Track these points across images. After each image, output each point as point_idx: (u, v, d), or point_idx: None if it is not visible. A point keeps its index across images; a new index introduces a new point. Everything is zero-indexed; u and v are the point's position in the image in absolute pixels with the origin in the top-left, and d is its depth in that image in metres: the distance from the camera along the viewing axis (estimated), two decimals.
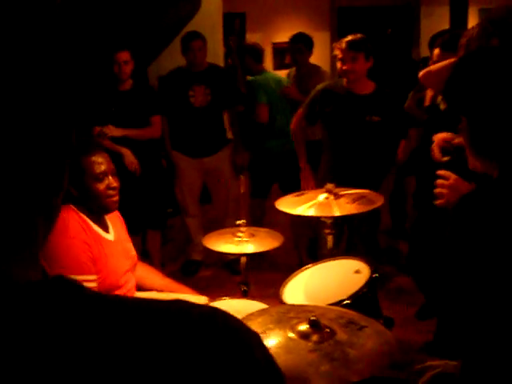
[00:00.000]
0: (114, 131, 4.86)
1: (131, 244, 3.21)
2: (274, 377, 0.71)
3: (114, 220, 3.10)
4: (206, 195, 6.04)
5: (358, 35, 4.38)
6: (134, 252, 3.19)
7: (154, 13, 6.35)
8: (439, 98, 4.14)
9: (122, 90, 5.12)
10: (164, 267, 5.68)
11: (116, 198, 2.90)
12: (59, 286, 0.69)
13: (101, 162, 2.85)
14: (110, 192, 2.86)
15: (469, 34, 2.62)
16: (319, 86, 4.64)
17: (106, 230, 2.98)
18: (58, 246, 2.68)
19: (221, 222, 5.43)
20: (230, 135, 5.89)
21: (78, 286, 0.70)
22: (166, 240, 6.39)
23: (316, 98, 4.57)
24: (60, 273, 1.76)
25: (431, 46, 5.27)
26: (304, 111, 4.67)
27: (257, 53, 6.12)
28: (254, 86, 5.97)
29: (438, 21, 8.61)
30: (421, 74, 3.79)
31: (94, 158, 2.85)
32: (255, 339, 0.72)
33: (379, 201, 3.48)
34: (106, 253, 2.87)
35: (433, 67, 3.40)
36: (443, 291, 1.54)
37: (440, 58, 3.89)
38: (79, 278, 2.62)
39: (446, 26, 7.73)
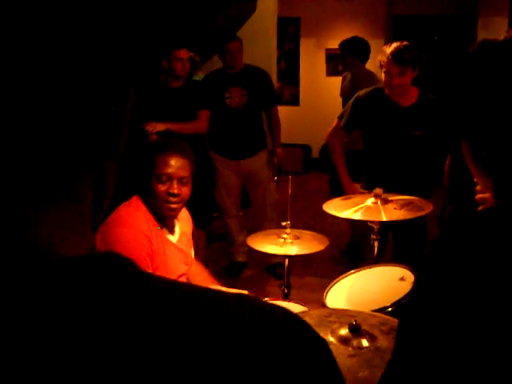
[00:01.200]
0: (157, 126, 4.86)
1: (192, 250, 3.20)
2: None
3: (184, 223, 3.10)
4: (247, 199, 6.02)
5: (404, 43, 4.10)
6: (191, 258, 3.19)
7: (208, 15, 6.37)
8: None
9: (173, 86, 5.14)
10: (207, 268, 5.67)
11: (173, 206, 2.83)
12: (109, 262, 0.65)
13: (171, 165, 2.81)
14: (169, 197, 2.81)
15: None
16: (361, 93, 4.43)
17: (171, 230, 2.97)
18: (119, 234, 2.69)
19: (259, 226, 5.41)
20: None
21: (130, 264, 0.66)
22: (212, 240, 6.39)
23: (357, 105, 4.38)
24: None
25: None
26: (343, 120, 4.45)
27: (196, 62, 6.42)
28: None
29: (495, 31, 8.45)
30: None
31: (167, 158, 2.82)
32: (326, 346, 0.69)
33: (428, 208, 3.41)
34: (166, 252, 2.86)
35: None
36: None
37: None
38: None
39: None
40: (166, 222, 2.92)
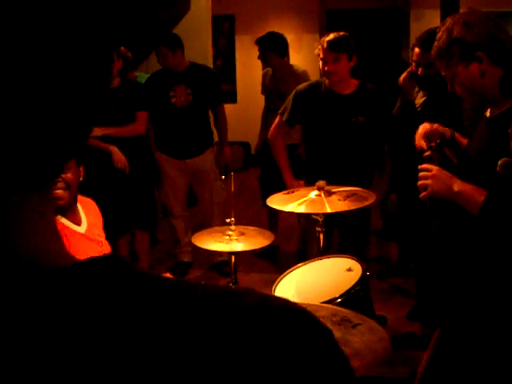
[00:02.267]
0: (94, 132, 4.79)
1: (105, 241, 3.16)
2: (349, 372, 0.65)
3: (92, 215, 3.07)
4: (193, 198, 5.98)
5: (341, 33, 4.19)
6: (107, 247, 3.14)
7: (143, 14, 6.30)
8: (418, 96, 4.09)
9: (110, 87, 5.06)
10: (153, 269, 5.62)
11: (58, 193, 2.78)
12: (114, 267, 0.59)
13: None
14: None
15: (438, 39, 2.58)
16: (300, 87, 4.44)
17: (77, 221, 2.93)
18: None
19: (207, 225, 5.37)
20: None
21: (133, 266, 0.61)
22: (156, 241, 6.32)
23: (298, 99, 4.38)
24: None
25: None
26: (285, 116, 4.45)
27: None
28: None
29: (427, 23, 8.59)
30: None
31: None
32: (333, 336, 0.67)
33: (371, 198, 3.43)
34: (72, 243, 2.84)
35: None
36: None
37: (420, 58, 3.81)
38: None
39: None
40: (67, 213, 2.88)
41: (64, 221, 2.86)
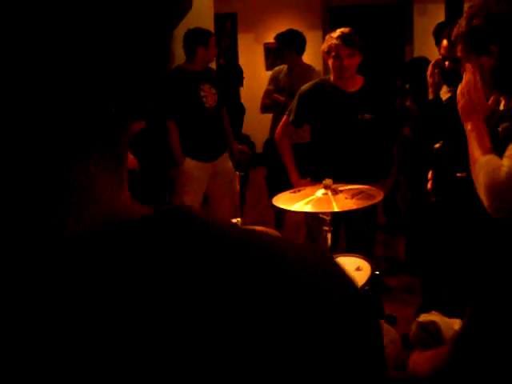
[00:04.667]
0: None
1: None
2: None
3: None
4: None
5: (347, 29, 4.16)
6: None
7: (144, 14, 6.28)
8: (442, 91, 4.02)
9: None
10: None
11: None
12: (176, 220, 0.58)
13: None
14: None
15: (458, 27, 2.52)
16: (304, 87, 4.40)
17: None
18: None
19: None
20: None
21: (197, 217, 0.60)
22: None
23: (303, 100, 4.35)
24: None
25: (437, 40, 5.16)
26: (291, 116, 4.42)
27: None
28: None
29: (432, 18, 8.55)
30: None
31: None
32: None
33: (379, 195, 3.38)
34: None
35: None
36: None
37: (448, 51, 3.72)
38: None
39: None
40: None
41: None
